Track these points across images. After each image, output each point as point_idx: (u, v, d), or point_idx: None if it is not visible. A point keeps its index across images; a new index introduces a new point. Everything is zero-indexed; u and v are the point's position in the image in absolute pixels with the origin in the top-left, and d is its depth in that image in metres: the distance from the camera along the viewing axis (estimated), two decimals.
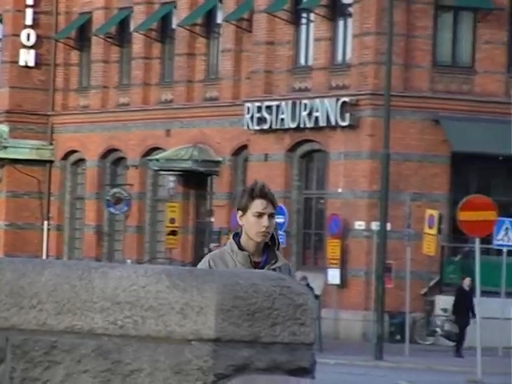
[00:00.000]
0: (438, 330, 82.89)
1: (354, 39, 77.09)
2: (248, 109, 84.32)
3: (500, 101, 78.27)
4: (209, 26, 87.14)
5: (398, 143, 72.63)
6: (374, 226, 70.28)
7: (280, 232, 76.50)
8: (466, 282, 73.72)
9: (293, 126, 79.28)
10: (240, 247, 11.16)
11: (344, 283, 78.83)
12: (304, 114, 78.41)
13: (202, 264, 11.87)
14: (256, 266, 11.10)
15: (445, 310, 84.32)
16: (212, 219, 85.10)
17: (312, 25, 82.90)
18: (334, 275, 78.00)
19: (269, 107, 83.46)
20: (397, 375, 59.63)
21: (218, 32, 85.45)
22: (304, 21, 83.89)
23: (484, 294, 68.77)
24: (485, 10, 77.91)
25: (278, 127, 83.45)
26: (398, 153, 71.72)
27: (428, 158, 74.51)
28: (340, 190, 76.94)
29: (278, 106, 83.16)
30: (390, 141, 66.43)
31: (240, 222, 11.49)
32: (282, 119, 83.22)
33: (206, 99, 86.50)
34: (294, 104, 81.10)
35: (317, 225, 79.99)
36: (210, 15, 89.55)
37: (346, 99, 75.73)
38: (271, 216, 11.07)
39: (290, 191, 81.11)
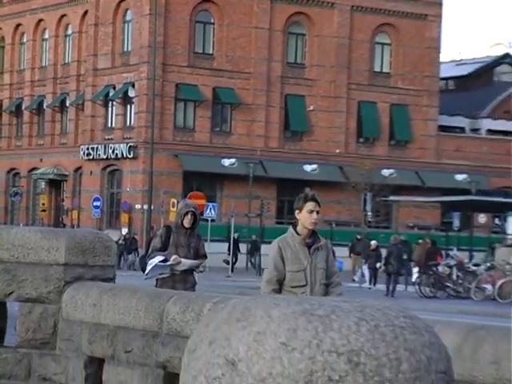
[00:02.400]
0: None
1: (136, 115, 75.32)
2: (82, 149, 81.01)
3: (207, 145, 76.52)
4: (62, 107, 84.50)
5: (157, 166, 70.79)
6: (145, 207, 69.39)
7: (98, 210, 75.54)
8: (235, 235, 66.60)
9: (104, 157, 77.39)
10: (297, 233, 10.67)
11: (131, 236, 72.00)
12: (110, 151, 75.95)
13: (273, 245, 10.93)
14: (307, 244, 10.61)
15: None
16: (64, 203, 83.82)
17: (114, 107, 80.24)
18: (125, 231, 72.79)
19: (93, 148, 79.87)
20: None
21: (67, 110, 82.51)
22: (110, 104, 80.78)
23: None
24: (200, 100, 77.06)
25: (98, 158, 79.84)
26: (157, 171, 70.61)
27: (172, 173, 73.16)
28: (128, 189, 75.72)
29: (97, 148, 79.70)
30: (154, 165, 66.17)
31: (297, 217, 10.76)
32: (99, 154, 79.23)
33: (61, 144, 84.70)
34: (105, 146, 76.35)
35: (116, 206, 78.39)
36: (63, 101, 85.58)
37: (132, 144, 74.42)
38: (317, 212, 10.61)
39: (103, 190, 77.58)
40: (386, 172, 75.01)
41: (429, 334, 3.59)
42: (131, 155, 76.74)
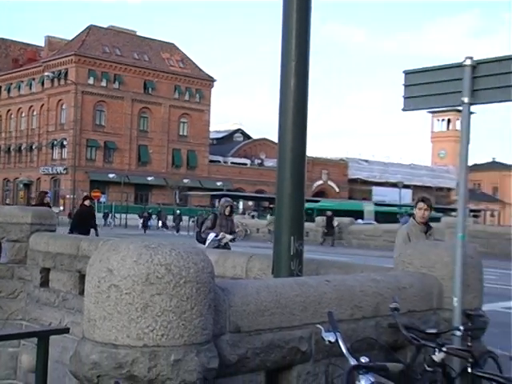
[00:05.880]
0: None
1: (67, 153, 72.27)
2: (41, 169, 75.86)
3: (101, 168, 73.67)
4: (31, 149, 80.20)
5: (77, 177, 70.10)
6: (71, 196, 67.46)
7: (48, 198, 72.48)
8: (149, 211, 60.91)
9: (52, 173, 73.64)
10: (417, 222, 7.69)
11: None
12: (55, 170, 72.80)
13: (402, 230, 7.91)
14: (424, 230, 7.69)
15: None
16: (31, 195, 79.81)
17: (56, 149, 74.93)
18: (61, 208, 67.21)
19: (46, 168, 74.78)
20: None
21: (33, 151, 78.64)
22: (55, 148, 75.26)
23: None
24: (98, 147, 74.12)
25: (48, 173, 74.71)
26: (77, 180, 68.56)
27: (84, 181, 70.77)
28: (63, 188, 72.40)
29: (48, 168, 74.82)
30: (75, 177, 64.28)
31: (414, 212, 7.88)
32: (49, 171, 74.32)
33: (30, 166, 79.70)
34: (52, 167, 73.54)
35: (57, 196, 74.79)
36: (31, 146, 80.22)
37: (65, 167, 71.36)
38: (426, 210, 7.64)
39: (51, 188, 72.38)
40: (185, 181, 74.88)
41: (203, 255, 3.59)
42: (65, 172, 73.79)
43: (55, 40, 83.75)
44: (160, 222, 58.90)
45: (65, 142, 74.52)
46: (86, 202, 17.86)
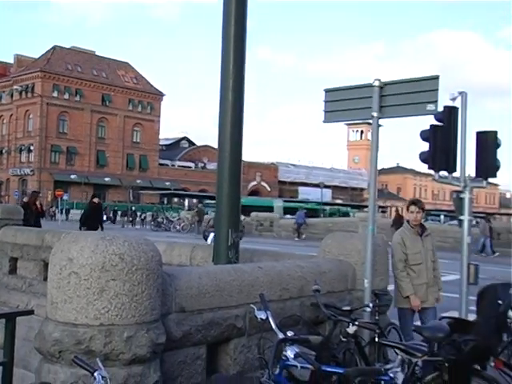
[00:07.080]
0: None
1: (34, 157, 69.60)
2: (10, 170, 72.50)
3: (63, 169, 71.93)
4: (1, 153, 76.01)
5: (43, 178, 67.90)
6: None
7: (16, 196, 67.83)
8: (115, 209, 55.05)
9: (20, 174, 71.40)
10: (411, 226, 6.33)
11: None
12: (23, 172, 70.02)
13: (396, 235, 6.44)
14: (419, 233, 6.34)
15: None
16: (1, 193, 76.99)
17: (24, 154, 71.54)
18: None
19: (15, 170, 71.47)
20: None
21: (3, 154, 75.20)
22: (23, 152, 71.87)
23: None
24: (61, 152, 72.19)
25: (17, 174, 71.04)
26: (43, 180, 66.24)
27: (49, 181, 68.80)
28: (31, 187, 70.35)
29: (17, 170, 71.61)
30: (41, 177, 61.94)
31: (406, 216, 6.65)
32: (18, 172, 70.69)
33: (0, 168, 78.59)
34: (20, 169, 70.78)
35: (24, 194, 72.69)
36: (1, 151, 75.57)
37: (32, 169, 69.10)
38: (418, 213, 6.29)
39: (19, 188, 69.83)
40: (138, 181, 73.69)
41: (152, 245, 3.53)
42: (32, 174, 71.13)
43: (23, 58, 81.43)
44: (105, 217, 57.42)
45: (32, 147, 72.08)
46: (95, 200, 16.79)
